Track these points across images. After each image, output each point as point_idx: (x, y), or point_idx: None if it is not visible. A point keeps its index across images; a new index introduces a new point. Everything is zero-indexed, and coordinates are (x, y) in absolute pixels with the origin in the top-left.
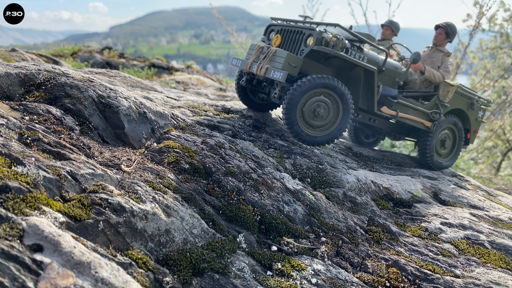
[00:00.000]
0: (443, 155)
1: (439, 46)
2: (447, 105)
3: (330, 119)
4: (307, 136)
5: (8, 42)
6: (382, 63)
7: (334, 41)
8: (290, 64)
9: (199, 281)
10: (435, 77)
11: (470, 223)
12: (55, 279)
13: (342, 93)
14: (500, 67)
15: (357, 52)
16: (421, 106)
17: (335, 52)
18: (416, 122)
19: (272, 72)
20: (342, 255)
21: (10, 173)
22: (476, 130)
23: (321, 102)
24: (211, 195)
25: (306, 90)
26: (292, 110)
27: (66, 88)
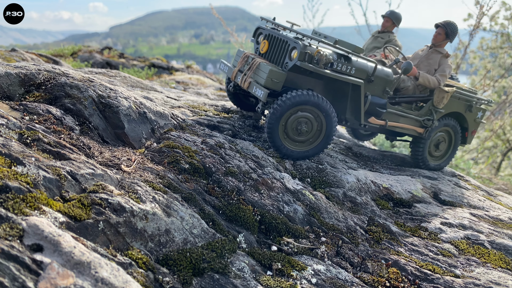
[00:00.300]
0: (437, 157)
1: (437, 46)
2: (441, 111)
3: (313, 135)
4: (290, 152)
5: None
6: (371, 73)
7: (318, 56)
8: (273, 80)
9: (199, 281)
10: (429, 83)
11: (470, 223)
12: (55, 279)
13: (324, 110)
14: (501, 67)
15: (344, 64)
16: (412, 114)
17: (317, 69)
18: (408, 130)
19: (254, 88)
20: (342, 255)
21: (10, 173)
22: (474, 131)
23: (304, 119)
24: (211, 195)
25: (287, 108)
26: (274, 128)
27: (66, 88)
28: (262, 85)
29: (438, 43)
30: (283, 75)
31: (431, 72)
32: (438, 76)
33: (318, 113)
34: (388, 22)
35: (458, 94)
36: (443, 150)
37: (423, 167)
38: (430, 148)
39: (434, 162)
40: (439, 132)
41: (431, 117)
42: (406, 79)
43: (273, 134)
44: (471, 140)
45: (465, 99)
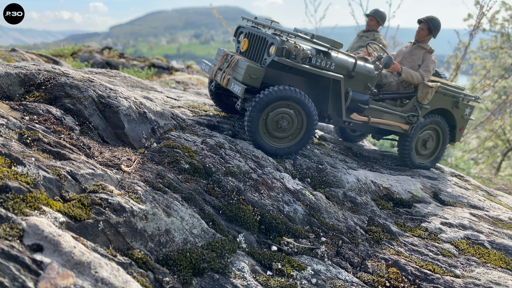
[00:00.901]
0: (425, 155)
1: (421, 42)
2: (426, 107)
3: (294, 130)
4: (271, 148)
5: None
6: (352, 68)
7: (295, 51)
8: (251, 76)
9: (199, 281)
10: (413, 78)
11: (470, 223)
12: (55, 279)
13: (305, 105)
14: (501, 67)
15: (323, 59)
16: (396, 110)
17: (295, 64)
18: (392, 126)
19: (233, 84)
20: (342, 255)
21: (10, 173)
22: (462, 128)
23: (284, 114)
24: (211, 195)
25: (267, 103)
26: (254, 124)
27: (66, 88)
28: (240, 81)
29: (421, 39)
30: (261, 71)
31: (415, 68)
32: (421, 72)
33: (298, 109)
34: (373, 21)
35: (444, 90)
36: (431, 148)
37: (410, 166)
38: (418, 146)
39: (422, 160)
40: (426, 130)
41: (415, 113)
42: (388, 75)
43: (253, 130)
44: (460, 138)
45: (451, 95)
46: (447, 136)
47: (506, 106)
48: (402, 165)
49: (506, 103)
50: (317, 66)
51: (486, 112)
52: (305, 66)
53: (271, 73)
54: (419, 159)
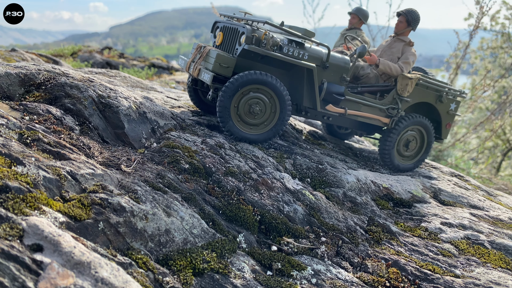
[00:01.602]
0: (407, 157)
1: (400, 35)
2: (407, 100)
3: (267, 117)
4: (245, 135)
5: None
6: (326, 58)
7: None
8: (221, 65)
9: (199, 281)
10: (391, 70)
11: (470, 223)
12: (55, 279)
13: (276, 89)
14: (501, 67)
15: (295, 49)
16: (375, 102)
17: (264, 52)
18: (371, 119)
19: (203, 73)
20: (342, 255)
21: (10, 173)
22: (449, 124)
23: (256, 99)
24: (211, 195)
25: (237, 88)
26: (225, 110)
27: (66, 88)
28: (210, 70)
29: (400, 32)
30: (232, 60)
31: (394, 60)
32: (400, 64)
33: (271, 94)
34: (355, 18)
35: (426, 83)
36: (413, 150)
37: (389, 166)
38: (399, 147)
39: (403, 162)
40: (410, 131)
41: (395, 106)
42: (365, 67)
43: (225, 116)
44: (447, 134)
45: (434, 88)
46: (432, 138)
47: (506, 106)
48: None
49: (506, 103)
50: (289, 55)
51: (486, 112)
52: (275, 54)
53: (244, 63)
54: (400, 160)
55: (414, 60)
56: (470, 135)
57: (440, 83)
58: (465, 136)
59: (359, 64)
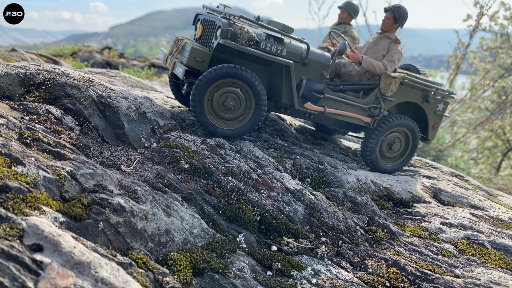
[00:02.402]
0: (390, 158)
1: (387, 32)
2: (391, 99)
3: (242, 112)
4: (219, 130)
5: (8, 42)
6: (305, 55)
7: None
8: (196, 59)
9: (199, 281)
10: (374, 68)
11: (470, 223)
12: (55, 279)
13: (251, 83)
14: (501, 67)
15: (273, 44)
16: (356, 101)
17: (239, 47)
18: (352, 118)
19: (177, 67)
20: (342, 255)
21: (10, 173)
22: (436, 125)
23: (230, 93)
24: (211, 195)
25: (210, 81)
26: (199, 104)
27: (66, 88)
28: (184, 64)
29: (387, 28)
30: (207, 54)
31: (379, 58)
32: (385, 61)
33: (246, 89)
34: (344, 13)
35: (412, 82)
36: (397, 151)
37: (370, 166)
38: (382, 147)
39: (386, 163)
40: (394, 132)
41: (378, 105)
42: (347, 64)
43: (198, 110)
44: (433, 136)
45: (420, 88)
46: (417, 141)
47: (506, 106)
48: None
49: (506, 103)
50: (267, 50)
51: (486, 112)
52: (250, 49)
53: (221, 58)
54: (383, 161)
55: (400, 58)
56: (470, 135)
57: (427, 83)
58: (465, 136)
59: (340, 61)
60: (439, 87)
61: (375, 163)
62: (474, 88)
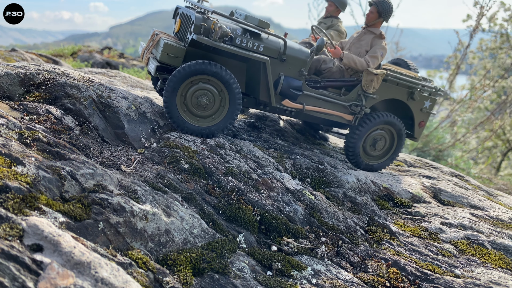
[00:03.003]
0: (374, 156)
1: (371, 26)
2: (373, 96)
3: (216, 110)
4: (192, 127)
5: (8, 42)
6: (283, 51)
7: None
8: (169, 55)
9: (199, 281)
10: (356, 64)
11: (470, 223)
12: (55, 279)
13: (225, 80)
14: (500, 67)
15: (250, 40)
16: (336, 98)
17: (211, 43)
18: (332, 116)
19: (150, 63)
20: (342, 255)
21: (10, 173)
22: (422, 123)
23: (203, 90)
24: (211, 195)
25: (183, 78)
26: (171, 101)
27: (66, 88)
28: (158, 60)
29: (371, 23)
30: (181, 50)
31: (362, 53)
32: (367, 58)
33: (220, 86)
34: (332, 6)
35: (396, 79)
36: (381, 149)
37: (353, 163)
38: (366, 145)
39: (369, 161)
40: (379, 130)
41: (359, 102)
42: (328, 60)
43: (171, 107)
44: (420, 134)
45: (406, 85)
46: (403, 139)
47: (506, 106)
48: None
49: (506, 103)
50: (242, 46)
51: (486, 112)
52: (222, 45)
53: (198, 54)
54: (366, 159)
55: (384, 53)
56: (470, 135)
57: (413, 79)
58: (465, 136)
59: (320, 57)
60: (426, 84)
61: (358, 161)
62: (474, 88)
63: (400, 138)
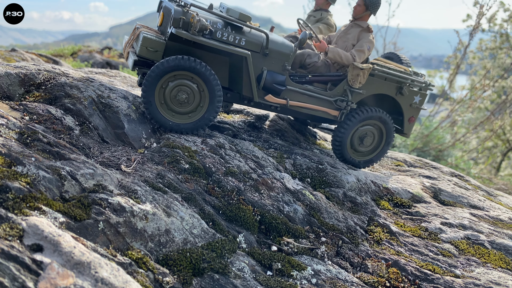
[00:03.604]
0: (362, 152)
1: (358, 20)
2: (360, 91)
3: (196, 106)
4: (167, 122)
5: (8, 42)
6: (265, 45)
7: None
8: (148, 49)
9: (199, 281)
10: (341, 59)
11: (470, 223)
12: (55, 279)
13: (204, 76)
14: (500, 67)
15: (231, 34)
16: (321, 93)
17: (191, 36)
18: (317, 111)
19: (129, 57)
20: (342, 255)
21: (10, 173)
22: (412, 118)
23: (183, 86)
24: (211, 195)
25: (161, 74)
26: (149, 97)
27: (66, 88)
28: (137, 54)
29: (358, 16)
30: (160, 44)
31: (349, 47)
32: (353, 52)
33: (199, 82)
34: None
35: (383, 74)
36: (369, 145)
37: (340, 159)
38: (353, 141)
39: (357, 157)
40: (367, 125)
41: (345, 98)
42: (312, 54)
43: (149, 103)
44: (410, 130)
45: (394, 80)
46: (392, 135)
47: (506, 106)
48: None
49: (505, 103)
50: (223, 40)
51: (486, 112)
52: (201, 39)
53: (179, 48)
54: (354, 155)
55: (371, 47)
56: (470, 135)
57: (402, 74)
58: (465, 136)
59: (305, 52)
60: (416, 79)
61: (345, 156)
62: (474, 88)
63: (389, 134)
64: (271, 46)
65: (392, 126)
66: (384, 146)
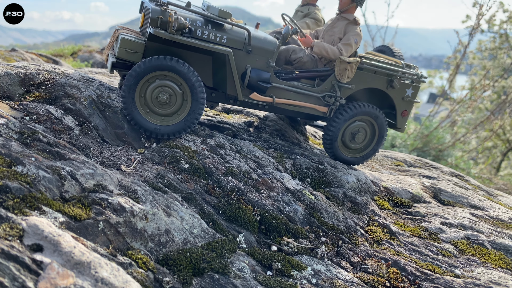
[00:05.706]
0: (354, 149)
1: (344, 13)
2: (348, 86)
3: (178, 107)
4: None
5: (8, 42)
6: (248, 42)
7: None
8: (127, 51)
9: (199, 281)
10: (328, 53)
11: (470, 223)
12: (55, 279)
13: (185, 76)
14: (500, 67)
15: (211, 32)
16: (308, 90)
17: (169, 36)
18: (305, 108)
19: (108, 60)
20: (342, 255)
21: (10, 173)
22: (405, 112)
23: (164, 87)
24: (211, 195)
25: (141, 74)
26: (129, 99)
27: (66, 88)
28: (116, 56)
29: (344, 8)
30: (139, 45)
31: (335, 41)
32: (340, 45)
33: (180, 82)
34: None
35: (372, 67)
36: (361, 142)
37: (331, 156)
38: (345, 138)
39: (348, 154)
40: (358, 122)
41: (333, 93)
42: (298, 50)
43: (129, 106)
44: (403, 124)
45: (384, 73)
46: (385, 131)
47: (505, 106)
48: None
49: (505, 103)
50: (203, 39)
51: (485, 112)
52: (180, 38)
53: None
54: (346, 152)
55: (358, 40)
56: (470, 135)
57: (392, 67)
58: (465, 136)
59: (289, 47)
60: (407, 71)
61: (336, 154)
62: (474, 88)
63: (382, 130)
64: (254, 42)
65: (384, 121)
66: (378, 142)
